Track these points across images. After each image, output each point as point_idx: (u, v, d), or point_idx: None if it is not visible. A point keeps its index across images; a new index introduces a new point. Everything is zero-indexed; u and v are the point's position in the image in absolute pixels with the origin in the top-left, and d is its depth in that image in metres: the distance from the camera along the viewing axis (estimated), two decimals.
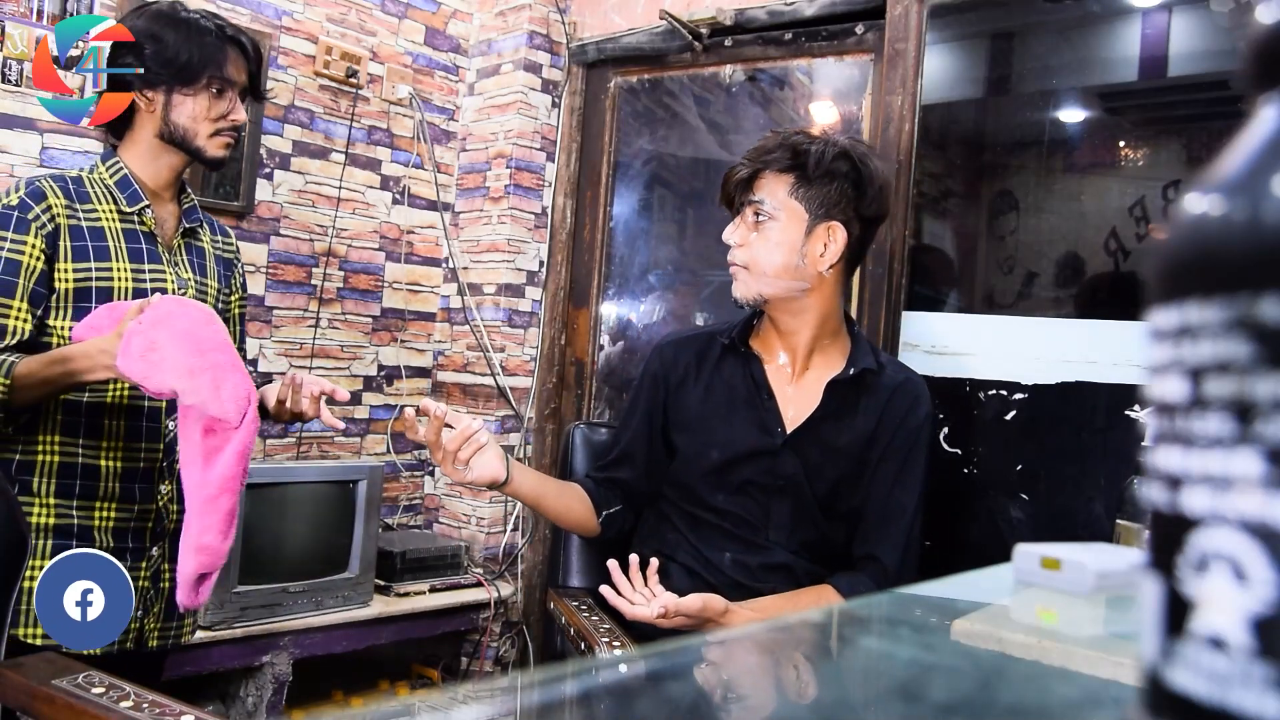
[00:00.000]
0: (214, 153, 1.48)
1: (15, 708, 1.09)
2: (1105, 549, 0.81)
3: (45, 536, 1.40)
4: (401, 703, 1.22)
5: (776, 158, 1.39)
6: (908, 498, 1.41)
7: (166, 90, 1.45)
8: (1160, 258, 0.21)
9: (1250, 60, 0.21)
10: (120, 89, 1.44)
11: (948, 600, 0.76)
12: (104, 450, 1.44)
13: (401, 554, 2.50)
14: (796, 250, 1.38)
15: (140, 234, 1.47)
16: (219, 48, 1.46)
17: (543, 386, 2.86)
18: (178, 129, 1.46)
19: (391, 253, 2.85)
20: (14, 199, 1.37)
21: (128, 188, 1.46)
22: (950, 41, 2.31)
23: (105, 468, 1.43)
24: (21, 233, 1.36)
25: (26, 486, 1.40)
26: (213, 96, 1.46)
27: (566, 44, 2.85)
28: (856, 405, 1.43)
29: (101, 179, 1.47)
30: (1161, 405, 0.20)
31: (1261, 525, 0.18)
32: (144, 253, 1.47)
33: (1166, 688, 0.20)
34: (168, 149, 1.48)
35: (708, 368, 1.49)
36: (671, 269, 2.88)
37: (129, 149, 1.49)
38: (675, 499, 1.50)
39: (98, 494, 1.43)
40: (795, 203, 1.38)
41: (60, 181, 1.43)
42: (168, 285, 1.47)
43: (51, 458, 1.41)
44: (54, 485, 1.40)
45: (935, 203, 2.35)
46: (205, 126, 1.47)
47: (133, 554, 1.46)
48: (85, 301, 1.40)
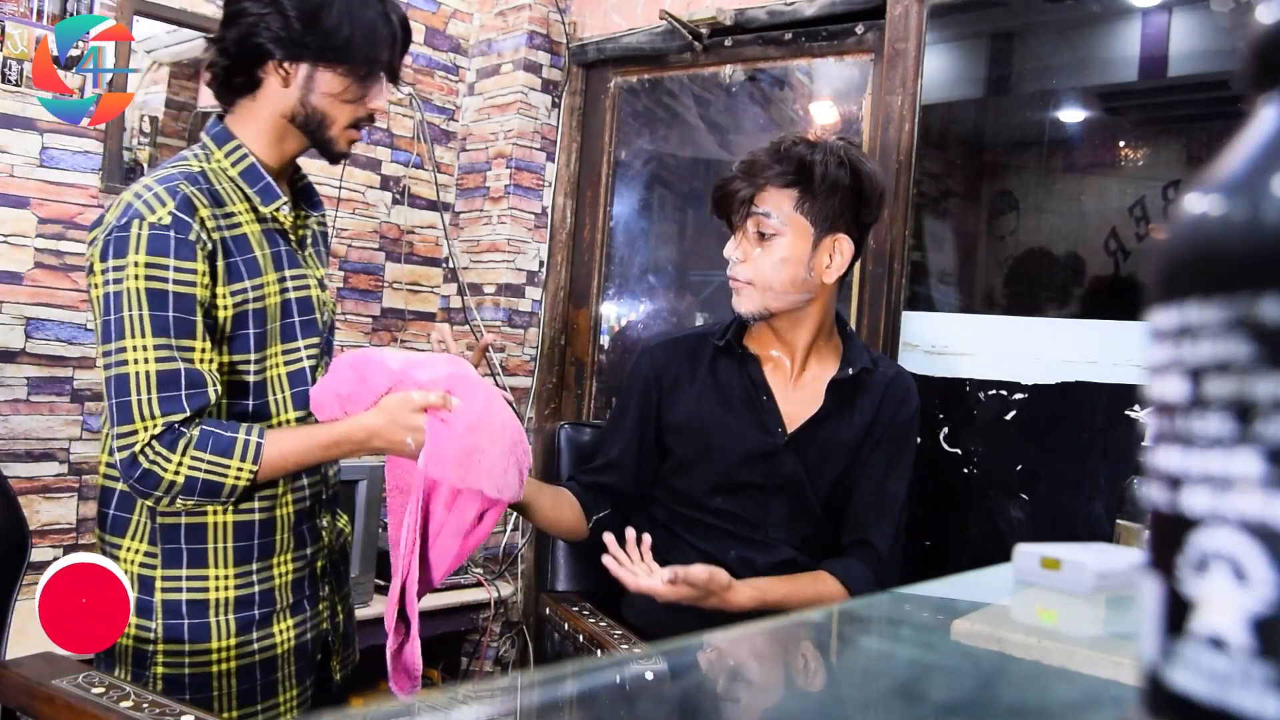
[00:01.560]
0: (343, 146, 1.28)
1: (15, 708, 1.09)
2: (1105, 549, 0.81)
3: (225, 611, 1.21)
4: (401, 703, 1.22)
5: (779, 173, 1.35)
6: (898, 487, 1.44)
7: (311, 64, 1.21)
8: (1160, 258, 0.21)
9: (1250, 60, 0.21)
10: (253, 56, 1.20)
11: (948, 600, 0.76)
12: (279, 499, 1.25)
13: None
14: (804, 264, 1.36)
15: (275, 234, 1.26)
16: (381, 24, 1.23)
17: (543, 386, 2.86)
18: (315, 113, 1.23)
19: (391, 253, 2.85)
20: (163, 215, 1.11)
21: (258, 180, 1.23)
22: (950, 41, 2.31)
23: (281, 518, 1.26)
24: (187, 258, 1.11)
25: (199, 558, 1.20)
26: (358, 79, 1.23)
27: (566, 44, 2.85)
28: (854, 403, 1.43)
29: (223, 169, 1.22)
30: (1161, 405, 0.20)
31: (1261, 525, 0.18)
32: (283, 256, 1.26)
33: (1166, 688, 0.20)
34: (292, 132, 1.25)
35: (702, 369, 1.47)
36: (671, 269, 2.88)
37: (245, 126, 1.24)
38: (670, 502, 1.49)
39: (275, 550, 1.25)
40: (800, 217, 1.35)
41: (193, 182, 1.16)
42: (311, 291, 1.30)
43: (224, 517, 1.21)
44: (231, 552, 1.21)
45: (935, 203, 2.35)
46: (344, 114, 1.25)
47: (309, 601, 1.31)
48: (242, 328, 1.19)
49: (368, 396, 1.17)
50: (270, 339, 1.23)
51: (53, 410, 2.18)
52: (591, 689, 0.48)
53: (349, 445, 1.16)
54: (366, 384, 1.17)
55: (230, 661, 1.22)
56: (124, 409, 1.09)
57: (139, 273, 1.10)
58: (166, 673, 1.19)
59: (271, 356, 1.24)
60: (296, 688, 1.29)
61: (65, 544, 2.19)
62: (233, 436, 1.11)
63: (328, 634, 1.36)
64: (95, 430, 2.25)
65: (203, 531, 1.20)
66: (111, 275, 1.10)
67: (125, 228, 1.11)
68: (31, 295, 2.15)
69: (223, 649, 1.21)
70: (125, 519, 1.21)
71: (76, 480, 2.22)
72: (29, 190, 2.15)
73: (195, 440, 1.10)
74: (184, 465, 1.09)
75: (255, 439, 1.12)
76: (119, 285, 1.10)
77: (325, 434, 1.16)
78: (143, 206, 1.12)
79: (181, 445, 1.09)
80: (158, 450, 1.09)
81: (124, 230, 1.11)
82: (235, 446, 1.11)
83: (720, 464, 1.43)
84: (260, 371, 1.23)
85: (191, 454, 1.10)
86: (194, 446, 1.10)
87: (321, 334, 1.33)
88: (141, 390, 1.09)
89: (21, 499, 1.35)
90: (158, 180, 1.15)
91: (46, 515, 2.17)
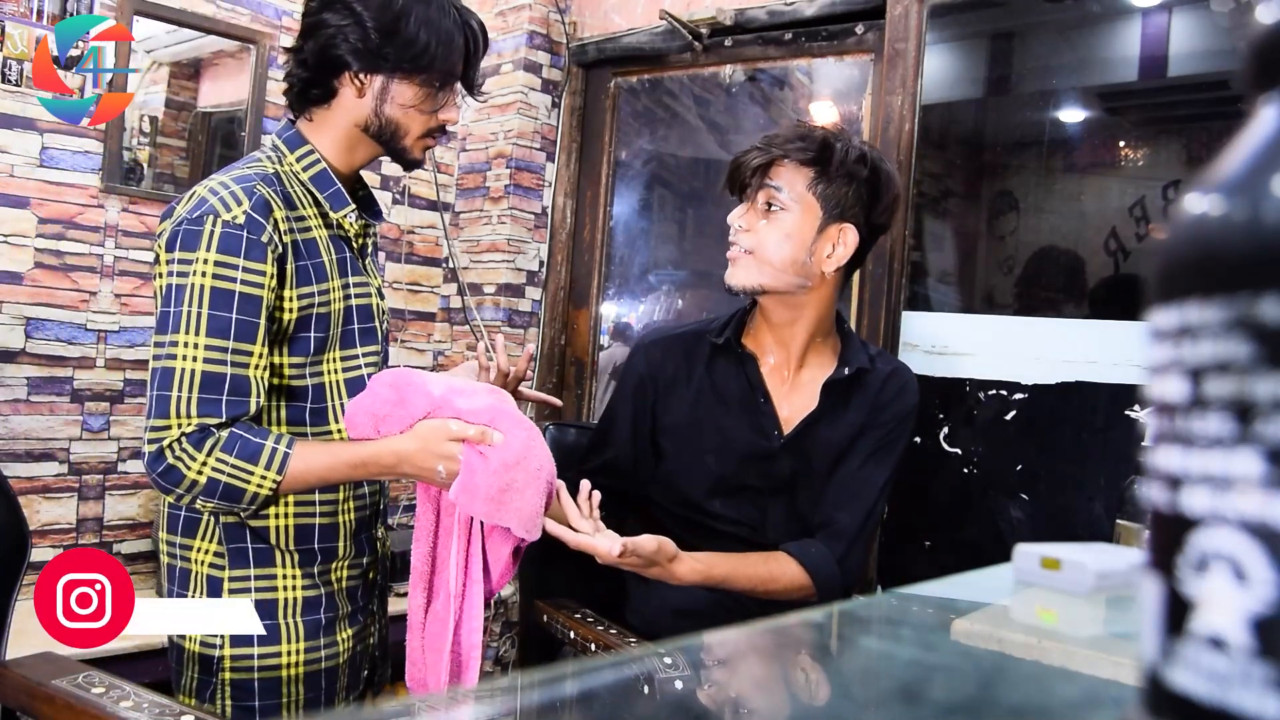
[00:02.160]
0: (417, 155, 1.27)
1: (15, 708, 1.09)
2: (1105, 549, 0.81)
3: (294, 613, 1.20)
4: (402, 703, 1.22)
5: (800, 148, 1.34)
6: (877, 476, 1.40)
7: (388, 76, 1.20)
8: (1160, 258, 0.21)
9: (1250, 60, 0.21)
10: (330, 68, 1.19)
11: (948, 600, 0.76)
12: (340, 505, 1.24)
13: (402, 554, 2.49)
14: (806, 246, 1.35)
15: (340, 240, 1.25)
16: (458, 35, 1.23)
17: (543, 386, 2.86)
18: (389, 123, 1.22)
19: (391, 253, 2.85)
20: (237, 214, 1.10)
21: (328, 186, 1.22)
22: (950, 41, 2.31)
23: (343, 524, 1.25)
24: (257, 259, 1.10)
25: (265, 557, 1.19)
26: (433, 91, 1.23)
27: (566, 44, 2.85)
28: (849, 402, 1.41)
29: (295, 173, 1.21)
30: (1161, 405, 0.20)
31: (1261, 525, 0.18)
32: (347, 263, 1.25)
33: (1166, 688, 0.20)
34: (365, 141, 1.24)
35: (698, 368, 1.44)
36: (671, 269, 2.88)
37: (320, 134, 1.23)
38: (666, 503, 1.46)
39: (336, 555, 1.24)
40: (812, 198, 1.34)
41: (269, 183, 1.16)
42: (371, 299, 1.29)
43: (286, 520, 1.19)
44: (295, 554, 1.20)
45: (935, 203, 2.35)
46: (419, 125, 1.24)
47: (363, 613, 1.31)
48: (304, 331, 1.18)
49: (404, 419, 1.14)
50: (330, 344, 1.22)
51: (53, 410, 2.19)
52: (592, 689, 0.48)
53: (376, 468, 1.13)
54: (405, 406, 1.14)
55: (299, 667, 1.20)
56: (163, 402, 1.08)
57: (207, 270, 1.08)
58: (235, 678, 1.17)
59: (329, 362, 1.23)
60: (345, 701, 1.28)
61: (65, 544, 2.19)
62: (260, 443, 1.09)
63: (375, 648, 1.35)
64: (96, 430, 2.25)
65: (265, 533, 1.18)
66: (177, 268, 1.09)
67: (198, 222, 1.09)
68: (31, 295, 2.15)
69: (292, 653, 1.19)
70: (196, 519, 1.19)
71: (76, 480, 2.22)
72: (29, 190, 2.15)
73: (223, 442, 1.08)
74: (208, 466, 1.07)
75: (283, 448, 1.09)
76: (184, 279, 1.08)
77: (354, 453, 1.13)
78: (218, 203, 1.10)
79: (208, 445, 1.07)
80: (184, 447, 1.07)
81: (196, 224, 1.09)
82: (262, 453, 1.09)
83: (716, 467, 1.41)
84: (317, 375, 1.21)
85: (217, 455, 1.08)
86: (220, 448, 1.08)
87: (380, 343, 1.32)
88: (184, 388, 1.07)
89: (21, 499, 1.35)
90: (234, 179, 1.13)
91: (46, 515, 2.17)
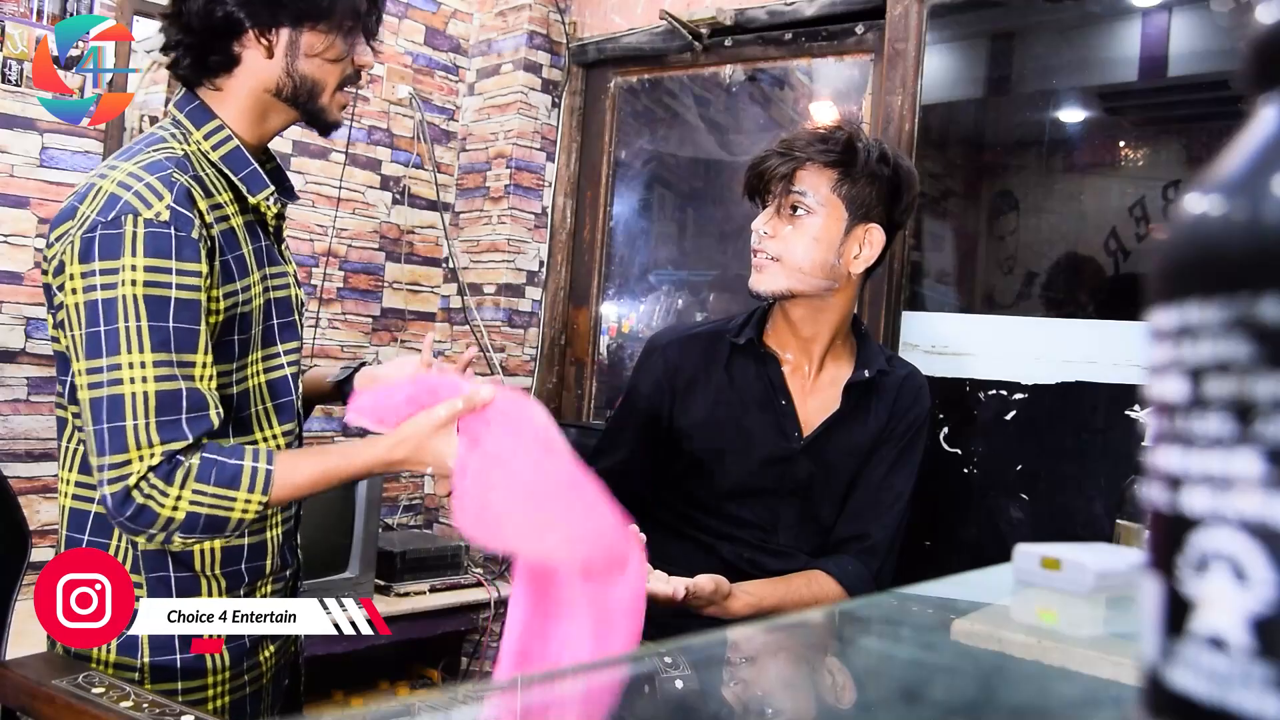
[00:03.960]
0: (336, 114, 1.14)
1: (15, 708, 1.09)
2: (1105, 549, 0.81)
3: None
4: (401, 703, 1.21)
5: (823, 150, 1.33)
6: (903, 485, 1.40)
7: (293, 28, 1.07)
8: (1160, 258, 0.21)
9: (1250, 60, 0.21)
10: (224, 29, 1.05)
11: (948, 600, 0.76)
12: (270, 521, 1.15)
13: (401, 554, 2.49)
14: (834, 248, 1.33)
15: (256, 227, 1.12)
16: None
17: (543, 386, 2.86)
18: (304, 80, 1.09)
19: (391, 253, 2.85)
20: (160, 210, 0.96)
21: (243, 166, 1.09)
22: (950, 41, 2.31)
23: (271, 540, 1.16)
24: (191, 259, 0.97)
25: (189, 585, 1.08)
26: (343, 34, 1.10)
27: (566, 44, 2.85)
28: (868, 406, 1.40)
29: (204, 153, 1.07)
30: (1161, 405, 0.20)
31: (1261, 525, 0.18)
32: (263, 252, 1.12)
33: (1166, 688, 0.20)
34: (277, 106, 1.10)
35: (717, 369, 1.42)
36: (671, 269, 2.88)
37: (226, 106, 1.09)
38: (679, 504, 1.44)
39: (261, 574, 1.15)
40: (837, 200, 1.33)
41: (183, 169, 1.02)
42: (290, 290, 1.18)
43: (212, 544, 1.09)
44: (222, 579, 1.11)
45: (935, 203, 2.35)
46: (334, 76, 1.10)
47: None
48: (228, 334, 1.06)
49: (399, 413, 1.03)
50: (252, 345, 1.11)
51: (53, 410, 2.18)
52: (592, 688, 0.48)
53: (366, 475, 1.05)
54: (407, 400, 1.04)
55: (224, 697, 1.13)
56: (117, 436, 0.95)
57: (137, 278, 0.95)
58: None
59: (252, 364, 1.11)
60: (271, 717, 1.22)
61: None
62: (239, 464, 0.98)
63: (296, 657, 1.28)
64: None
65: (189, 558, 1.08)
66: (100, 279, 0.95)
67: (115, 224, 0.95)
68: (31, 295, 2.15)
69: (217, 683, 1.11)
70: (104, 545, 1.08)
71: None
72: (29, 190, 2.15)
73: (196, 471, 0.97)
74: (184, 500, 0.96)
75: (264, 466, 0.99)
76: (110, 291, 0.95)
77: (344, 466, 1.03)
78: (134, 199, 0.96)
79: (180, 477, 0.96)
80: (153, 483, 0.95)
81: (114, 227, 0.95)
82: (242, 476, 0.98)
83: (735, 469, 1.39)
84: (241, 381, 1.09)
85: (193, 487, 0.96)
86: (195, 478, 0.96)
87: (300, 339, 1.21)
88: (139, 414, 0.95)
89: (21, 499, 1.35)
90: (144, 167, 0.99)
91: (46, 515, 2.17)
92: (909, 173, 1.38)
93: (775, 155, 1.36)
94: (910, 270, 2.13)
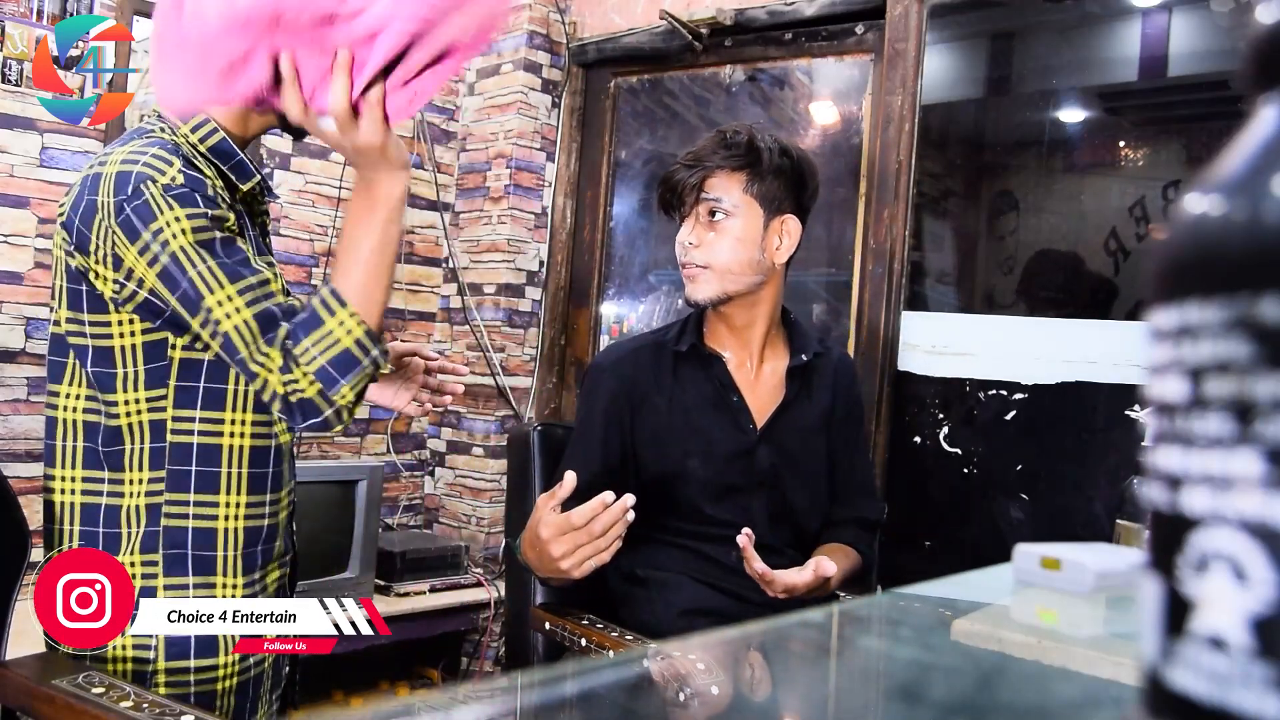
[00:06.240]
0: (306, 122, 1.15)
1: (15, 708, 1.09)
2: (1105, 549, 0.81)
3: None
4: (401, 703, 1.21)
5: (728, 156, 1.39)
6: (867, 460, 1.61)
7: None
8: (1160, 258, 0.21)
9: (1250, 60, 0.21)
10: None
11: (948, 600, 0.76)
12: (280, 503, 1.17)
13: (401, 554, 2.50)
14: (757, 244, 1.40)
15: (246, 217, 1.14)
16: None
17: (543, 386, 2.86)
18: None
19: None
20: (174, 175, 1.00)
21: (231, 157, 1.10)
22: (950, 41, 2.31)
23: (281, 523, 1.17)
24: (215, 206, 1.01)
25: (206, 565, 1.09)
26: None
27: (566, 44, 2.85)
28: (811, 387, 1.48)
29: (193, 145, 1.09)
30: (1161, 405, 0.20)
31: (1261, 525, 0.18)
32: (254, 242, 1.13)
33: (1166, 688, 0.20)
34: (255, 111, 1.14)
35: (666, 378, 1.45)
36: (671, 269, 2.88)
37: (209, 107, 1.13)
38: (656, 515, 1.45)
39: (271, 557, 1.17)
40: (751, 199, 1.40)
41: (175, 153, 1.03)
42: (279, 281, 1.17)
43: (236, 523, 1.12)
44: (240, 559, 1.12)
45: (935, 203, 2.35)
46: None
47: None
48: None
49: None
50: None
51: None
52: (592, 688, 0.48)
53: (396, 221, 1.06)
54: None
55: (233, 679, 1.14)
56: (243, 367, 1.01)
57: (182, 228, 0.98)
58: (170, 694, 1.11)
59: None
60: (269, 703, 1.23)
61: None
62: (310, 307, 1.02)
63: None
64: None
65: (212, 536, 1.11)
66: (154, 247, 0.98)
67: (138, 194, 0.98)
68: (31, 295, 2.15)
69: (229, 664, 1.12)
70: (116, 534, 1.11)
71: None
72: (29, 190, 2.15)
73: (291, 344, 1.00)
74: (306, 366, 1.00)
75: (324, 290, 1.02)
76: (167, 249, 0.98)
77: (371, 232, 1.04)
78: (145, 169, 0.99)
79: (290, 358, 1.00)
80: (285, 381, 1.00)
81: (138, 197, 0.98)
82: (319, 312, 1.01)
83: (701, 470, 1.42)
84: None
85: (299, 356, 1.00)
86: (295, 349, 1.00)
87: None
88: (248, 342, 1.00)
89: (21, 499, 1.35)
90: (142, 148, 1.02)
91: None
92: (808, 161, 1.45)
93: (683, 168, 1.41)
94: (910, 270, 2.13)
